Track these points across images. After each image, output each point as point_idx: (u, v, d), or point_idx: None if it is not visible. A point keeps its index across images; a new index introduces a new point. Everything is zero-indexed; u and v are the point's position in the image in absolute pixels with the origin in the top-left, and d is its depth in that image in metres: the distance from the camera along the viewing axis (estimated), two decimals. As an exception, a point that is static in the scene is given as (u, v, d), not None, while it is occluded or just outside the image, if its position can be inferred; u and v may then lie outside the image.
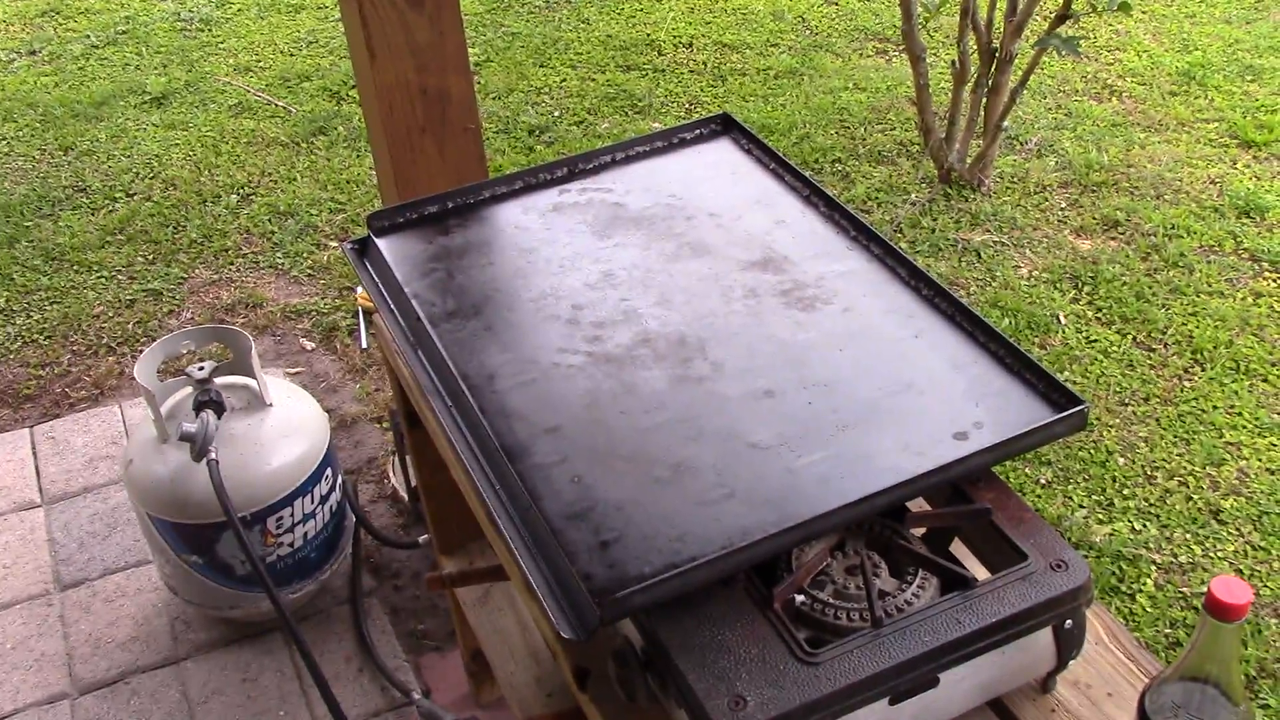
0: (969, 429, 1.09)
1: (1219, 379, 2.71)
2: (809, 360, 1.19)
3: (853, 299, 1.27)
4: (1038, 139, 3.66)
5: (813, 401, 1.14)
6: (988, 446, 1.05)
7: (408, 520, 2.52)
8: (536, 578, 1.01)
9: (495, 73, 4.25)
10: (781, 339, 1.22)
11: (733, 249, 1.37)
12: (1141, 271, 3.07)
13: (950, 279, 3.08)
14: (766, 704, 0.90)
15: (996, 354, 1.18)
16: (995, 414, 1.11)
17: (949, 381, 1.15)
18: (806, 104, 3.93)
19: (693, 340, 1.23)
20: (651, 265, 1.35)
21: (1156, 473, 2.49)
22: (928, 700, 0.98)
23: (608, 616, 0.93)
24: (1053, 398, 1.12)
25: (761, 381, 1.17)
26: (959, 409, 1.11)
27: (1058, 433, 1.09)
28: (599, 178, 1.54)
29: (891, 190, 3.46)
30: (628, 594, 0.93)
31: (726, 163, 1.55)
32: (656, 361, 1.20)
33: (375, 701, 2.13)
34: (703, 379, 1.18)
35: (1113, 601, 2.21)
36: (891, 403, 1.13)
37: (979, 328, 1.20)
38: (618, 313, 1.28)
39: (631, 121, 3.89)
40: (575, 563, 0.98)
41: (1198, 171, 3.47)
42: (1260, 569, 2.26)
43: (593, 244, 1.40)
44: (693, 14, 4.61)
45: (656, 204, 1.47)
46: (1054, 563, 1.01)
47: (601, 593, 0.94)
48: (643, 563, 0.97)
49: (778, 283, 1.31)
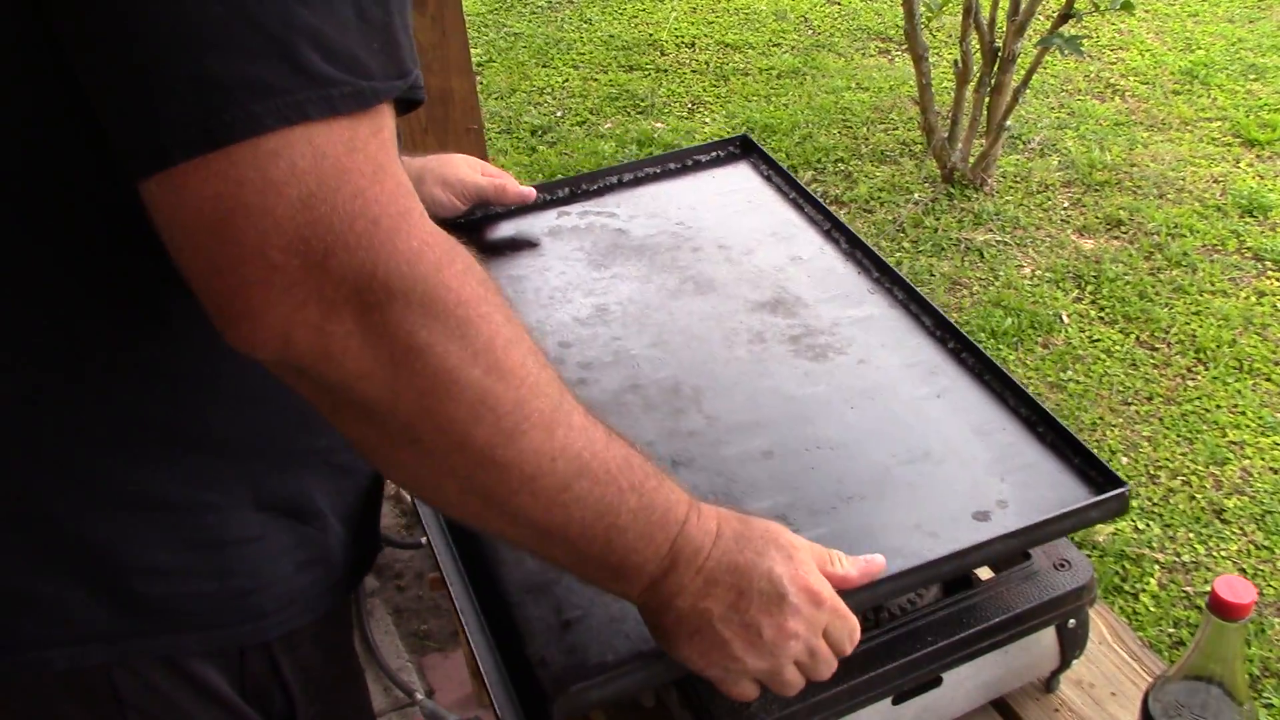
0: (992, 508, 0.96)
1: (1222, 378, 2.71)
2: (815, 418, 1.07)
3: (869, 349, 1.15)
4: (1040, 138, 3.66)
5: (816, 466, 1.02)
6: (1012, 532, 0.93)
7: (410, 521, 2.53)
8: (485, 658, 0.90)
9: (497, 73, 4.25)
10: (787, 392, 1.10)
11: (741, 287, 1.25)
12: (1144, 271, 3.07)
13: (953, 278, 3.08)
14: (769, 704, 0.90)
15: (1027, 420, 1.05)
16: (1022, 491, 0.98)
17: (971, 451, 1.02)
18: (809, 104, 3.93)
19: (687, 389, 1.11)
20: (650, 301, 1.24)
21: (1160, 472, 2.48)
22: (931, 700, 0.98)
23: (559, 713, 0.84)
24: (1090, 476, 0.98)
25: (760, 440, 1.05)
26: (981, 483, 0.99)
27: (1094, 518, 0.96)
28: (603, 200, 1.43)
29: (894, 190, 3.46)
30: (583, 688, 0.83)
31: (743, 190, 1.44)
32: (645, 411, 1.09)
33: (378, 702, 2.13)
34: (694, 433, 1.06)
35: (1116, 601, 2.21)
36: (904, 472, 1.00)
37: (1009, 389, 1.08)
38: (607, 353, 1.16)
39: (634, 121, 3.89)
40: (530, 644, 0.88)
41: (1200, 171, 3.47)
42: (1264, 568, 2.26)
43: (588, 274, 1.29)
44: (695, 14, 4.61)
45: (662, 232, 1.36)
46: (1057, 562, 1.01)
47: (557, 683, 0.84)
48: (606, 649, 0.87)
49: (787, 327, 1.19)
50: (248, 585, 0.83)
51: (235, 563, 0.82)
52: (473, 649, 0.91)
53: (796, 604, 0.80)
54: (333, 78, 0.60)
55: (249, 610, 0.83)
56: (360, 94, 0.61)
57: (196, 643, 0.82)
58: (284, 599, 0.85)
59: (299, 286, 0.61)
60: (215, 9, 0.57)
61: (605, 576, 0.78)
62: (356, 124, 0.61)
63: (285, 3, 0.58)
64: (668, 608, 0.78)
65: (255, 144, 0.59)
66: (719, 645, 0.79)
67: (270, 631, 0.85)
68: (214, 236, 0.60)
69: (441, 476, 0.70)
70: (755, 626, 0.79)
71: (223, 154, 0.59)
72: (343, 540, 0.90)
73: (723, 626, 0.79)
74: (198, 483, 0.79)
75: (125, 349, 0.75)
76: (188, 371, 0.76)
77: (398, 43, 0.64)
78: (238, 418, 0.79)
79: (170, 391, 0.76)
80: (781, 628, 0.79)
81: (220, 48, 0.58)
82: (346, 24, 0.61)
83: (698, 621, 0.78)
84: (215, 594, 0.82)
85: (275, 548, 0.84)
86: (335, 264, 0.61)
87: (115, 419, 0.76)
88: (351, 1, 0.61)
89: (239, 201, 0.59)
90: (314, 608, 0.88)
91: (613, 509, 0.73)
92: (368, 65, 0.62)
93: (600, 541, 0.74)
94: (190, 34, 0.58)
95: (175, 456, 0.78)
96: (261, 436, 0.81)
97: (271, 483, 0.83)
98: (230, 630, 0.83)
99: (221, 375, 0.77)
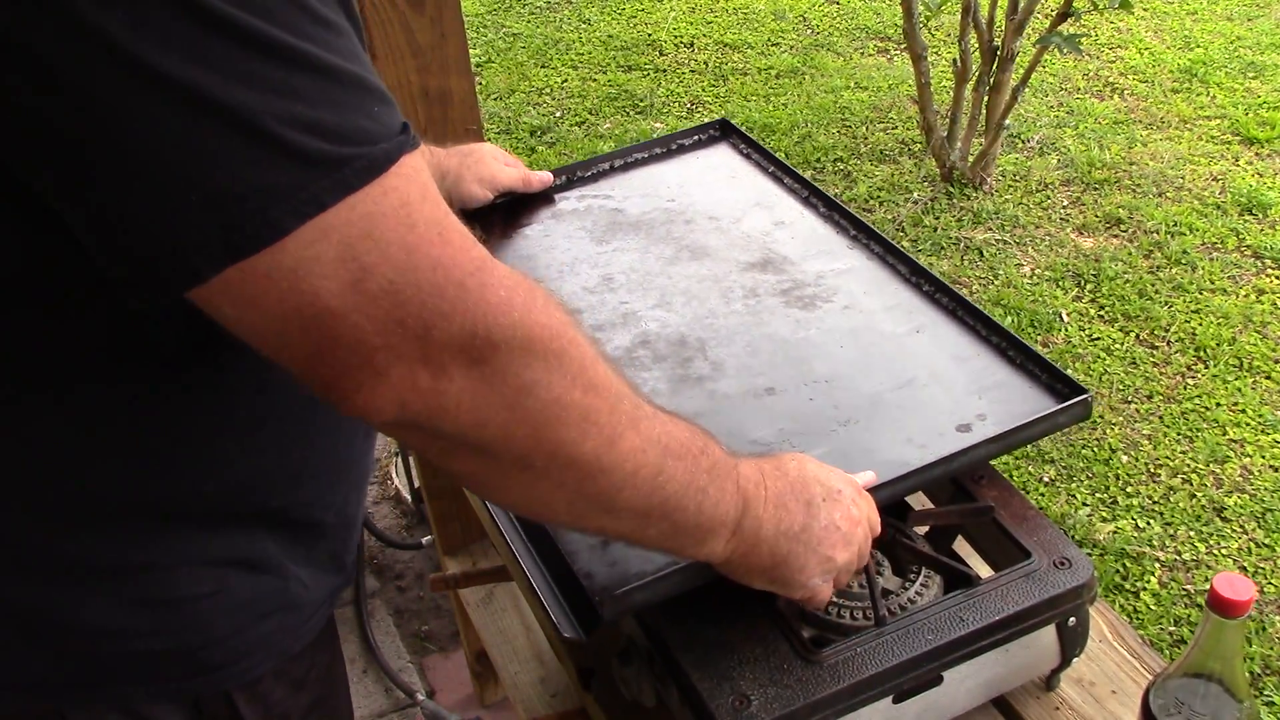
0: (972, 421, 1.08)
1: (1222, 376, 2.71)
2: (810, 358, 1.18)
3: (853, 296, 1.27)
4: (1039, 137, 3.66)
5: (814, 398, 1.13)
6: (991, 437, 1.05)
7: (411, 521, 2.53)
8: (537, 577, 1.01)
9: (497, 73, 4.25)
10: (782, 337, 1.22)
11: (732, 251, 1.36)
12: (1144, 269, 3.07)
13: (953, 277, 3.07)
14: (770, 703, 0.90)
15: (999, 346, 1.17)
16: (998, 405, 1.10)
17: (951, 375, 1.15)
18: (808, 103, 3.93)
19: (692, 341, 1.22)
20: (650, 268, 1.34)
21: (1160, 470, 2.48)
22: (931, 699, 0.98)
23: (609, 615, 0.93)
24: (1056, 388, 1.11)
25: (762, 379, 1.16)
26: (961, 402, 1.11)
27: (1061, 422, 1.08)
28: (598, 185, 1.53)
29: (894, 189, 3.46)
30: (628, 591, 0.92)
31: (725, 167, 1.55)
32: (656, 362, 1.20)
33: (380, 703, 2.13)
34: (703, 378, 1.17)
35: (1116, 599, 2.21)
36: (893, 397, 1.12)
37: (980, 321, 1.20)
38: (616, 315, 1.27)
39: (633, 121, 3.89)
40: (575, 561, 0.97)
41: (1200, 169, 3.47)
42: (1264, 566, 2.26)
43: (591, 249, 1.39)
44: (694, 14, 4.61)
45: (655, 209, 1.46)
46: (1057, 560, 1.01)
47: (602, 590, 0.93)
48: (643, 560, 0.95)
49: (777, 282, 1.30)
50: (198, 641, 0.83)
51: (186, 619, 0.82)
52: (524, 571, 1.01)
53: (851, 494, 0.92)
54: (344, 156, 0.60)
55: (200, 664, 0.83)
56: (374, 162, 0.61)
57: (146, 693, 0.83)
58: (239, 650, 0.85)
59: (404, 360, 0.62)
60: (207, 128, 0.57)
61: (694, 541, 0.83)
62: (394, 188, 0.62)
63: (278, 103, 0.58)
64: (756, 544, 0.85)
65: (293, 238, 0.59)
66: (813, 552, 0.88)
67: (225, 683, 0.85)
68: (306, 334, 0.61)
69: (552, 492, 0.73)
70: (832, 524, 0.89)
71: (274, 250, 0.59)
72: (308, 583, 0.90)
73: (808, 535, 0.87)
74: (143, 545, 0.79)
75: (74, 422, 0.74)
76: (135, 443, 0.76)
77: (385, 94, 0.64)
78: (186, 485, 0.79)
79: (118, 463, 0.76)
80: (849, 517, 0.90)
81: (223, 164, 0.58)
82: (342, 101, 0.61)
83: (788, 543, 0.87)
84: (165, 651, 0.82)
85: (231, 601, 0.83)
86: (438, 334, 0.63)
87: (57, 487, 0.76)
88: (336, 75, 0.61)
89: (314, 293, 0.60)
90: (276, 653, 0.88)
91: (694, 476, 0.79)
92: (372, 130, 0.62)
93: (692, 509, 0.80)
94: (190, 157, 0.57)
95: (119, 521, 0.78)
96: (210, 502, 0.81)
97: (222, 542, 0.82)
98: (182, 684, 0.83)
99: (170, 446, 0.77)
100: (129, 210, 0.59)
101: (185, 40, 0.56)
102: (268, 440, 0.82)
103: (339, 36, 0.62)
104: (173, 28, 0.56)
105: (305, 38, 0.60)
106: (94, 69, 0.56)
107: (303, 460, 0.85)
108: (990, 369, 1.15)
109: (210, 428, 0.78)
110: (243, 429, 0.80)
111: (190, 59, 0.56)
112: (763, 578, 0.88)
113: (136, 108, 0.56)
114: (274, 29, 0.58)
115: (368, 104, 0.62)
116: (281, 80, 0.58)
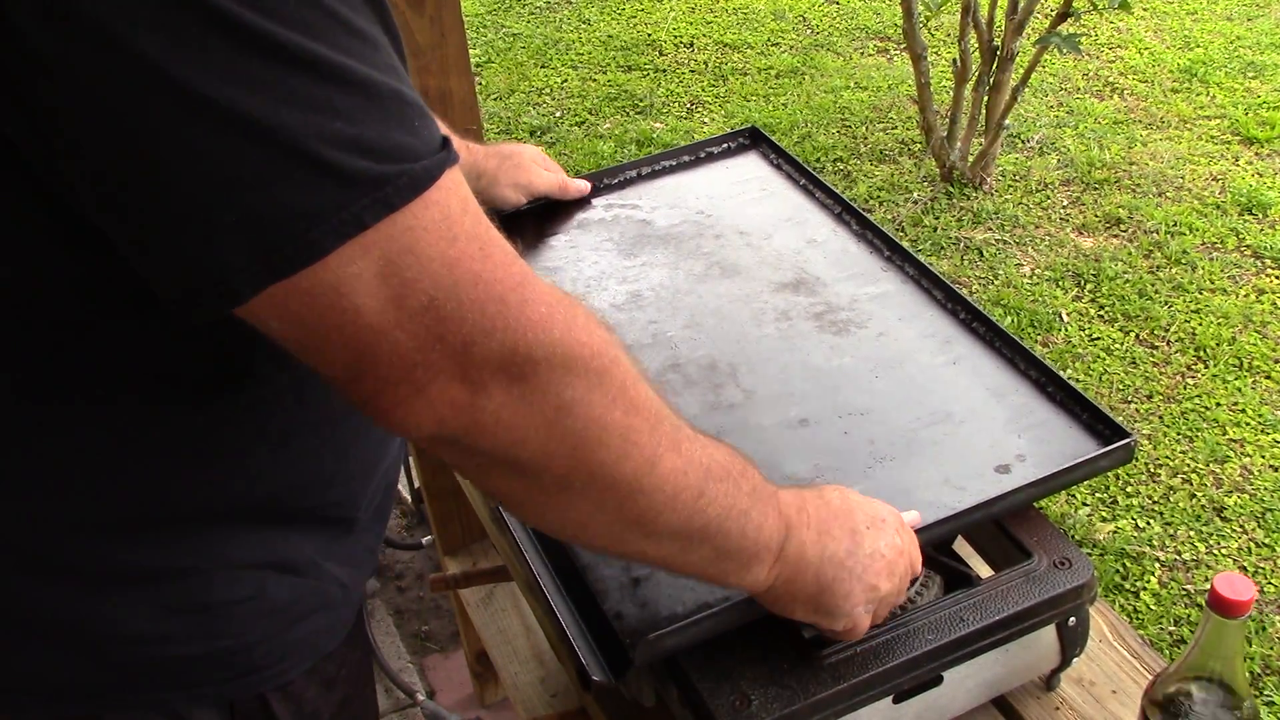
0: (1011, 462, 1.05)
1: (1222, 376, 2.71)
2: (844, 387, 1.14)
3: (887, 323, 1.23)
4: (1039, 137, 3.66)
5: (849, 431, 1.09)
6: (1031, 482, 1.01)
7: (411, 522, 2.53)
8: (565, 616, 0.97)
9: (496, 74, 4.25)
10: (815, 365, 1.18)
11: (763, 269, 1.32)
12: (1144, 269, 3.07)
13: (953, 277, 3.07)
14: (770, 703, 0.90)
15: (1038, 381, 1.14)
16: (1037, 446, 1.06)
17: (989, 411, 1.11)
18: (808, 103, 3.93)
19: (724, 365, 1.18)
20: (680, 286, 1.30)
21: (1160, 470, 2.48)
22: (931, 698, 0.98)
23: (640, 659, 0.90)
24: (1097, 429, 1.07)
25: (795, 410, 1.12)
26: (1000, 440, 1.07)
27: (1103, 466, 1.05)
28: (624, 193, 1.50)
29: (893, 189, 3.46)
30: (660, 636, 0.89)
31: (755, 178, 1.51)
32: (687, 387, 1.16)
33: (380, 703, 2.13)
34: (735, 406, 1.13)
35: (1116, 599, 2.21)
36: (930, 433, 1.08)
37: (1018, 354, 1.16)
38: (646, 335, 1.23)
39: (633, 121, 3.89)
40: (605, 600, 0.94)
41: (1199, 169, 3.47)
42: (1264, 566, 2.26)
43: (619, 263, 1.35)
44: (693, 14, 4.61)
45: (684, 221, 1.42)
46: (1057, 560, 1.01)
47: (633, 634, 0.90)
48: (675, 602, 0.93)
49: (810, 305, 1.26)
50: (235, 645, 0.83)
51: (222, 624, 0.82)
52: (554, 611, 0.98)
53: (895, 524, 0.89)
54: (386, 174, 0.59)
55: (237, 668, 0.83)
56: (416, 179, 0.60)
57: (186, 698, 0.83)
58: (278, 653, 0.85)
59: (444, 376, 0.62)
60: (248, 149, 0.56)
61: (738, 567, 0.81)
62: (435, 202, 0.61)
63: (318, 121, 0.57)
64: (800, 569, 0.83)
65: (335, 256, 0.58)
66: (858, 579, 0.85)
67: (262, 685, 0.85)
68: (347, 349, 0.61)
69: (590, 514, 0.72)
70: (877, 551, 0.86)
71: (315, 269, 0.58)
72: (345, 581, 0.90)
73: (854, 562, 0.85)
74: (182, 551, 0.79)
75: (116, 432, 0.74)
76: (176, 452, 0.76)
77: (424, 108, 0.63)
78: (225, 492, 0.79)
79: (159, 472, 0.76)
80: (894, 546, 0.88)
81: (264, 186, 0.57)
82: (383, 116, 0.60)
83: (833, 569, 0.84)
84: (205, 655, 0.82)
85: (269, 605, 0.83)
86: (478, 351, 0.62)
87: (97, 496, 0.75)
88: (376, 90, 0.60)
89: (355, 310, 0.59)
90: (312, 655, 0.88)
91: (736, 499, 0.77)
92: (413, 146, 0.61)
93: (735, 533, 0.78)
94: (230, 178, 0.57)
95: (159, 528, 0.78)
96: (247, 506, 0.81)
97: (259, 545, 0.82)
98: (221, 688, 0.83)
99: (210, 455, 0.77)
100: (168, 230, 0.58)
101: (224, 58, 0.55)
102: (306, 448, 0.81)
103: (376, 50, 0.61)
104: (210, 46, 0.55)
105: (344, 51, 0.58)
106: (132, 90, 0.55)
107: (337, 464, 0.85)
108: (1029, 406, 1.11)
109: (250, 436, 0.78)
110: (281, 438, 0.80)
111: (229, 78, 0.55)
112: (807, 606, 0.86)
113: (175, 129, 0.56)
114: (313, 44, 0.57)
115: (408, 118, 0.61)
116: (322, 97, 0.57)
